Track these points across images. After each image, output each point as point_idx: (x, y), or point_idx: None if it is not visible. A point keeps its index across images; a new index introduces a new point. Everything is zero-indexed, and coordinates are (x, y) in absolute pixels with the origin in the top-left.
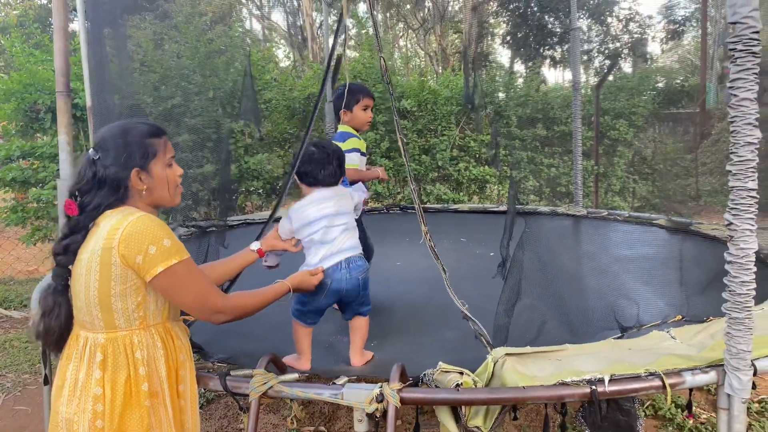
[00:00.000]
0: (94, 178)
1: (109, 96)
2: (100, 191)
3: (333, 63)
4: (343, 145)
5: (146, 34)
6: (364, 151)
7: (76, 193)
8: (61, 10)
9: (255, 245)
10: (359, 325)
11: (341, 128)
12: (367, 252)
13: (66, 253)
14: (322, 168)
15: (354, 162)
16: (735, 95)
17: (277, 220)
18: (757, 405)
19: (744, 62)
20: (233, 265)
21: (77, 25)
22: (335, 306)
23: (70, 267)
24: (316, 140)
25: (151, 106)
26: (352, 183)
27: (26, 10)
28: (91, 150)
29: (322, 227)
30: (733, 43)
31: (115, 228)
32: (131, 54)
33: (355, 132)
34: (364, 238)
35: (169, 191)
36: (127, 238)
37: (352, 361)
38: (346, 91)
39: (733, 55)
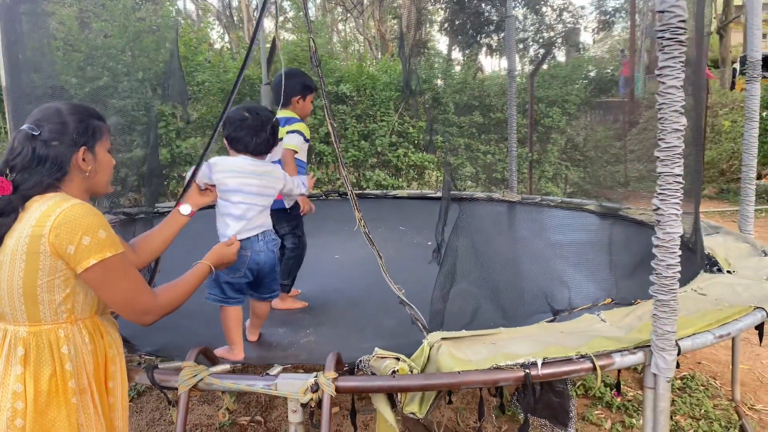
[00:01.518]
0: (33, 154)
1: (26, 75)
2: (38, 169)
3: (255, 37)
4: (288, 127)
5: (71, 11)
6: (308, 137)
7: (7, 171)
8: None
9: (186, 209)
10: (264, 310)
11: (285, 113)
12: (301, 249)
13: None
14: (255, 135)
15: (294, 143)
16: (663, 83)
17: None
18: (679, 381)
19: (671, 50)
20: (168, 233)
21: None
22: None
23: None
24: (249, 104)
25: (75, 87)
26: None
27: None
28: (26, 125)
29: (239, 202)
30: (661, 31)
31: (47, 215)
32: (53, 32)
33: (299, 118)
34: (299, 234)
35: (108, 177)
36: (59, 226)
37: (248, 336)
38: (301, 79)
39: (661, 44)
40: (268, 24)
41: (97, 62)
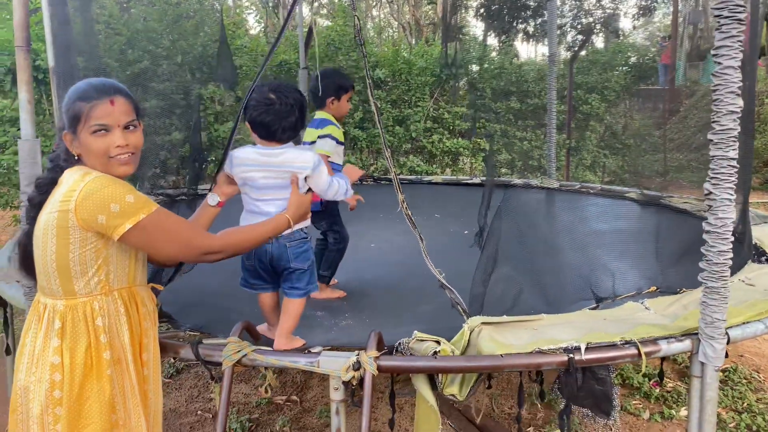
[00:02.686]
0: (60, 129)
1: (72, 57)
2: (60, 145)
3: (291, 17)
4: (321, 131)
5: None
6: (342, 140)
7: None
8: None
9: (213, 199)
10: (289, 307)
11: (321, 115)
12: (343, 243)
13: (35, 189)
14: (282, 120)
15: (326, 149)
16: (719, 63)
17: None
18: (721, 374)
19: (729, 29)
20: (201, 224)
21: None
22: None
23: (38, 208)
24: (274, 84)
25: (117, 71)
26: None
27: None
28: None
29: (249, 196)
30: (718, 9)
31: (72, 189)
32: (95, 16)
33: (334, 120)
34: (337, 228)
35: (97, 161)
36: (84, 199)
37: (275, 344)
38: (335, 79)
39: (719, 23)
40: (305, 10)
41: (138, 46)
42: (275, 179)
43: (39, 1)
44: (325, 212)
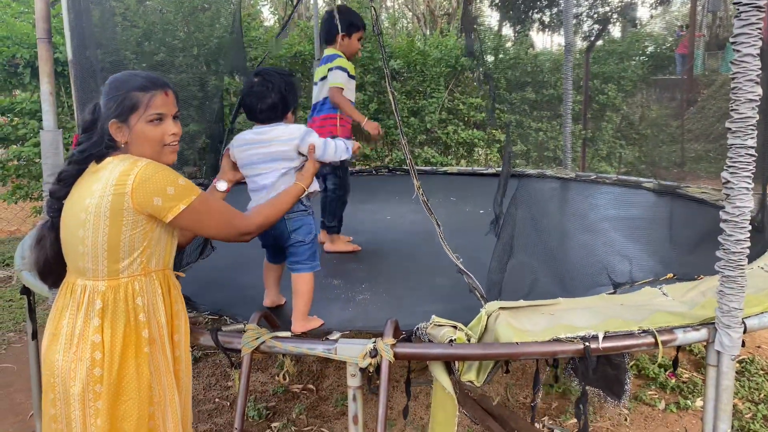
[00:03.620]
0: (93, 119)
1: (91, 50)
2: (92, 134)
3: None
4: (331, 64)
5: None
6: (353, 74)
7: (80, 131)
8: None
9: (222, 185)
10: (297, 286)
11: (330, 51)
12: (342, 190)
13: (58, 183)
14: (259, 101)
15: (339, 81)
16: (738, 50)
17: None
18: (738, 365)
19: (748, 16)
20: None
21: None
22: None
23: (62, 201)
24: (261, 68)
25: (134, 62)
26: (334, 107)
27: None
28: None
29: (250, 175)
30: None
31: (126, 173)
32: (113, 8)
33: (343, 56)
34: (340, 174)
35: (150, 148)
36: (141, 183)
37: (292, 326)
38: (347, 16)
39: (737, 9)
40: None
41: (154, 38)
42: (266, 154)
43: None
44: None
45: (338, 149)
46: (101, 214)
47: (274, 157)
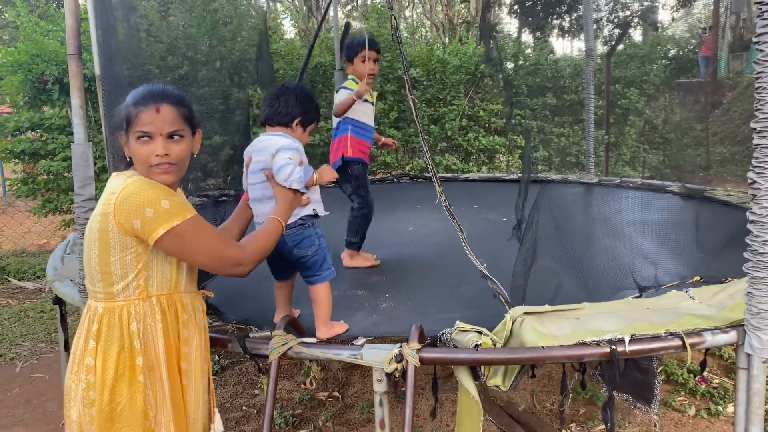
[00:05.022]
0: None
1: (117, 65)
2: (112, 148)
3: (323, 28)
4: (339, 86)
5: (151, 5)
6: (367, 98)
7: None
8: None
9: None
10: (314, 296)
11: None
12: (367, 208)
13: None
14: (268, 105)
15: (339, 98)
16: (761, 50)
17: None
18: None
19: None
20: (242, 223)
21: None
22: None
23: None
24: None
25: (158, 77)
26: (345, 129)
27: None
28: None
29: (251, 183)
30: None
31: (112, 193)
32: (137, 24)
33: (354, 78)
34: (362, 193)
35: (141, 167)
36: (121, 203)
37: (317, 333)
38: (347, 45)
39: (760, 9)
40: (339, 13)
41: (178, 52)
42: (256, 162)
43: (84, 10)
44: (350, 174)
45: (290, 176)
46: (92, 235)
47: (258, 168)
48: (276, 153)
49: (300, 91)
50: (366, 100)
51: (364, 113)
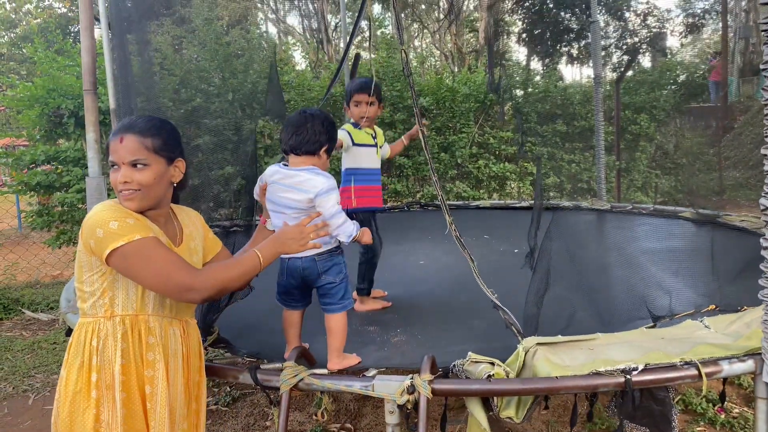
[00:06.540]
0: None
1: (132, 98)
2: None
3: (347, 59)
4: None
5: (165, 39)
6: (363, 142)
7: None
8: (87, 8)
9: (270, 224)
10: (330, 325)
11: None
12: (371, 254)
13: None
14: (285, 132)
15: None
16: None
17: None
18: None
19: None
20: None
21: (99, 32)
22: None
23: None
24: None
25: (171, 109)
26: (348, 180)
27: (47, 19)
28: None
29: (272, 211)
30: (765, 24)
31: (87, 216)
32: (151, 58)
33: (351, 122)
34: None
35: (115, 192)
36: (84, 225)
37: (328, 364)
38: (348, 89)
39: (766, 36)
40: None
41: (190, 85)
42: (281, 197)
43: (99, 45)
44: (358, 218)
45: (345, 228)
46: (76, 256)
47: (287, 204)
48: (319, 196)
49: (325, 117)
50: (365, 144)
51: (367, 157)
